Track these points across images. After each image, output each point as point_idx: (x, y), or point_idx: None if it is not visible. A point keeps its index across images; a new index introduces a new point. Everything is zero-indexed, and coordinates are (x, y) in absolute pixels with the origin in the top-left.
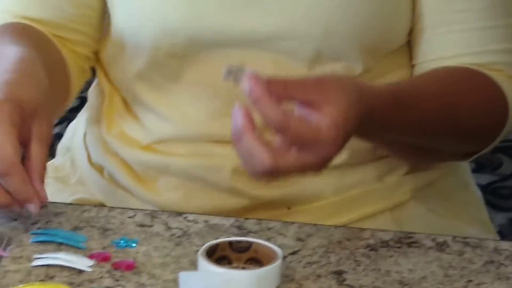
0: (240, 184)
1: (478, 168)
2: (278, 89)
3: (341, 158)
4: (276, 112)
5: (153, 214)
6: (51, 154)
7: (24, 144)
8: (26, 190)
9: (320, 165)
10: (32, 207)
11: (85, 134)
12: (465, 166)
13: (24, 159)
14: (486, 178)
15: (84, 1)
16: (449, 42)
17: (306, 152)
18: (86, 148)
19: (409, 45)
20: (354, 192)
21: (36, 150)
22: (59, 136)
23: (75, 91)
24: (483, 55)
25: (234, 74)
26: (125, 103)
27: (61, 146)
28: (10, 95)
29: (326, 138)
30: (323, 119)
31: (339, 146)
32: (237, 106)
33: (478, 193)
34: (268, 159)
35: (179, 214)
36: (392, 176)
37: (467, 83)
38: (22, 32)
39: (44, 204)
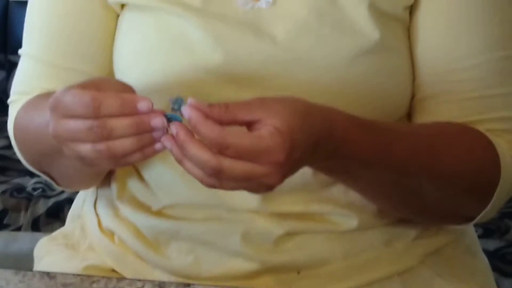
0: (249, 249)
1: (485, 234)
2: (219, 112)
3: (350, 223)
4: (214, 131)
5: (161, 285)
6: (62, 221)
7: None
8: (129, 99)
9: (273, 175)
10: (143, 104)
11: (95, 201)
12: (472, 234)
13: None
14: (493, 244)
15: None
16: (448, 110)
17: (253, 162)
18: (97, 215)
19: (409, 115)
20: (363, 257)
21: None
22: (69, 201)
23: None
24: (482, 123)
25: (177, 104)
26: (137, 168)
27: (71, 213)
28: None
29: (270, 144)
30: (264, 128)
31: (288, 152)
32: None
33: (485, 261)
34: (211, 157)
35: (187, 285)
36: (401, 241)
37: (454, 130)
38: None
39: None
